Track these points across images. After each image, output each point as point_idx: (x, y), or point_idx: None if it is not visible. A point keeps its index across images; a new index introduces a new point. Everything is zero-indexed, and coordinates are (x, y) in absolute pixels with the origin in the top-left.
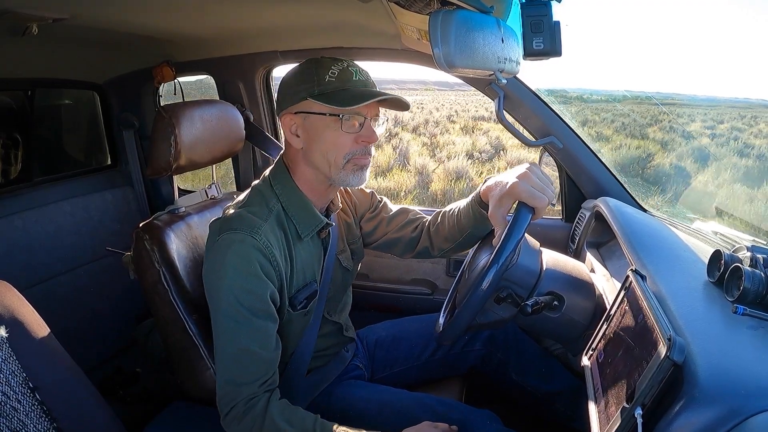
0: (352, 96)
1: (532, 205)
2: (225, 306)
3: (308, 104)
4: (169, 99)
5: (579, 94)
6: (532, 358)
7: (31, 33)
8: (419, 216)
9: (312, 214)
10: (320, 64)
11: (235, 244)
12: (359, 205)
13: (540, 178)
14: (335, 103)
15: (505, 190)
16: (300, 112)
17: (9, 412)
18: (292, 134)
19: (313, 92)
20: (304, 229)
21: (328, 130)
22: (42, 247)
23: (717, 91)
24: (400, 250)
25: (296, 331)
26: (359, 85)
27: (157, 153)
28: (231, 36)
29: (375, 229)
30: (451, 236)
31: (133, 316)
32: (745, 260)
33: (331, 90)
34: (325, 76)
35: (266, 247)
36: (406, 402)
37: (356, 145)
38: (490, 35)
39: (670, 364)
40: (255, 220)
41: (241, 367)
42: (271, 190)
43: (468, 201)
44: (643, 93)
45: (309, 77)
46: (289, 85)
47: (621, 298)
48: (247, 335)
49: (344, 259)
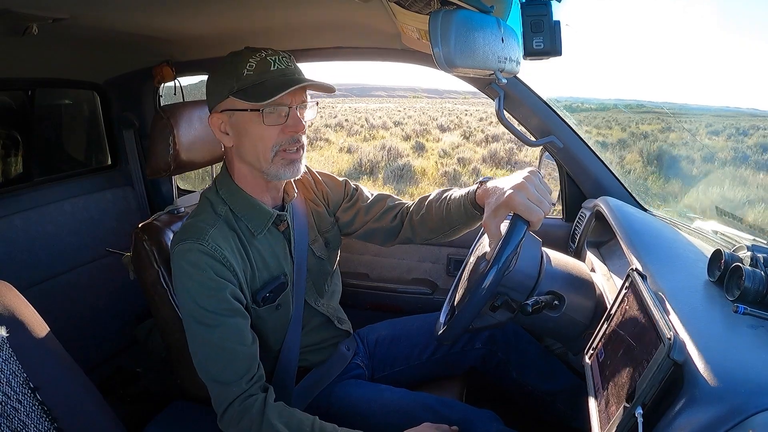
0: (268, 89)
1: (527, 219)
2: (191, 312)
3: (231, 102)
4: (170, 99)
5: (570, 103)
6: (532, 358)
7: (31, 33)
8: (398, 203)
9: (260, 211)
10: (239, 57)
11: (185, 253)
12: (331, 193)
13: (538, 188)
14: (253, 98)
15: (501, 201)
16: (225, 110)
17: (10, 413)
18: (222, 133)
19: (233, 89)
20: (255, 226)
21: (252, 124)
22: (42, 247)
23: (708, 99)
24: (381, 239)
25: (276, 327)
26: (277, 75)
27: (155, 153)
28: (231, 36)
29: (354, 218)
30: (438, 228)
31: (133, 315)
32: (745, 260)
33: (248, 84)
34: (243, 71)
35: (215, 250)
36: (407, 401)
37: (283, 135)
38: (490, 35)
39: (670, 363)
40: (201, 227)
41: (222, 365)
42: (218, 195)
43: (460, 197)
44: (635, 101)
45: (229, 73)
46: (212, 82)
47: (621, 298)
48: (220, 335)
49: (317, 248)
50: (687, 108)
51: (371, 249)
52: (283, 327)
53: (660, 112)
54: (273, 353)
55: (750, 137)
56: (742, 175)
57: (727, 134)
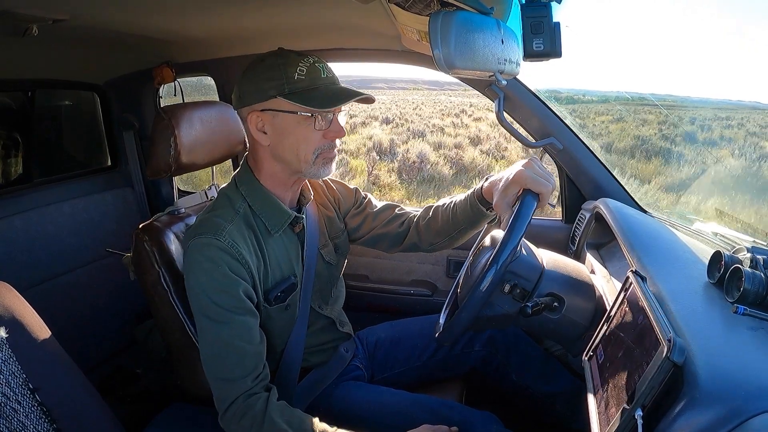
0: (325, 96)
1: (537, 191)
2: (203, 308)
3: (278, 102)
4: (170, 100)
5: (571, 95)
6: (532, 359)
7: (31, 34)
8: (405, 212)
9: (279, 210)
10: (287, 60)
11: (202, 247)
12: (343, 200)
13: (542, 168)
14: (310, 103)
15: (510, 179)
16: (268, 110)
17: (9, 413)
18: (259, 131)
19: (284, 91)
20: (272, 225)
21: (300, 127)
22: (42, 247)
23: (709, 92)
24: (387, 245)
25: (282, 327)
26: (329, 83)
27: (156, 154)
28: (231, 37)
29: (361, 224)
30: (444, 230)
31: (133, 315)
32: (745, 261)
33: (301, 89)
34: (294, 74)
35: (231, 246)
36: (406, 403)
37: (325, 140)
38: (490, 36)
39: (670, 365)
40: (219, 223)
41: (229, 363)
42: (237, 192)
43: (466, 196)
44: (638, 93)
45: (277, 74)
46: (254, 81)
47: (621, 299)
48: (229, 332)
49: (326, 253)
50: (689, 100)
51: (371, 251)
52: (289, 327)
53: (651, 103)
54: (277, 352)
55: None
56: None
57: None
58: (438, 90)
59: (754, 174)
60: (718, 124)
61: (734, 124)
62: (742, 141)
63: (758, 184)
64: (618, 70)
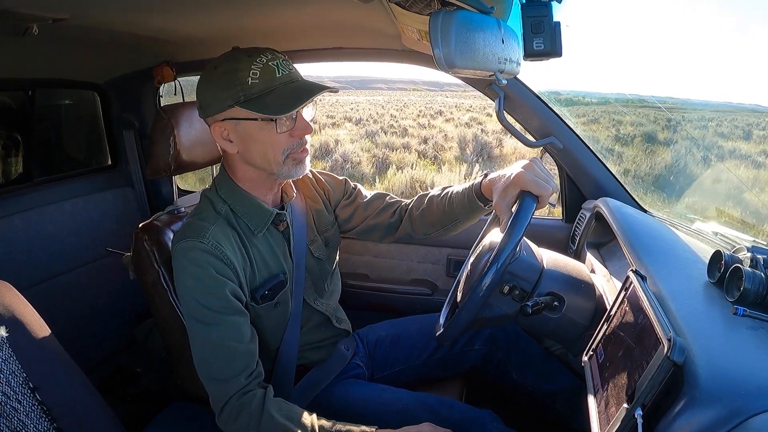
0: (282, 98)
1: (537, 194)
2: (191, 311)
3: (236, 111)
4: (170, 99)
5: (571, 96)
6: (532, 358)
7: (31, 33)
8: (396, 200)
9: (260, 209)
10: (239, 64)
11: (187, 251)
12: (332, 191)
13: (543, 170)
14: (267, 111)
15: (510, 180)
16: (229, 119)
17: (9, 412)
18: (225, 140)
19: (239, 99)
20: (255, 225)
21: (263, 132)
22: (42, 247)
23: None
24: (380, 235)
25: (275, 325)
26: (286, 82)
27: (156, 154)
28: (231, 36)
29: (352, 215)
30: (440, 221)
31: (133, 315)
32: (745, 261)
33: (257, 94)
34: (248, 79)
35: (215, 247)
36: (407, 401)
37: (292, 139)
38: (490, 36)
39: (670, 364)
40: (202, 225)
41: (220, 363)
42: (217, 194)
43: (464, 189)
44: (637, 95)
45: (231, 82)
46: (210, 91)
47: (621, 299)
48: (218, 333)
49: (315, 248)
50: (689, 103)
51: (371, 250)
52: (282, 325)
53: (653, 105)
54: (272, 351)
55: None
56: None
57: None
58: (437, 91)
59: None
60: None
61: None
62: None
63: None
64: (618, 70)
